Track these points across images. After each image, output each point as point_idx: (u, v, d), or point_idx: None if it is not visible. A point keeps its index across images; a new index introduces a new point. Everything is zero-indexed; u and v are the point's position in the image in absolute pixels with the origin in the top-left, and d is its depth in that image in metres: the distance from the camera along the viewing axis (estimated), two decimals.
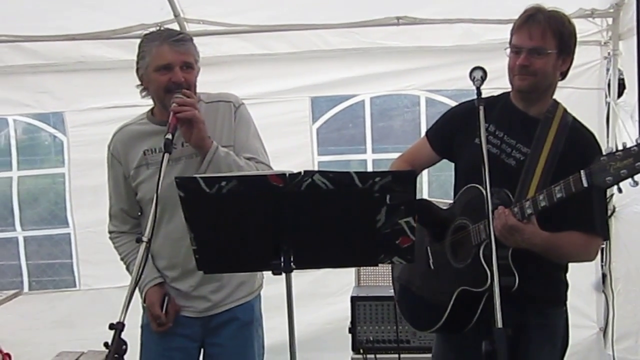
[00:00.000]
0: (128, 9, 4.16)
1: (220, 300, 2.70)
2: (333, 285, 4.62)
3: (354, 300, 3.73)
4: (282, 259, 2.07)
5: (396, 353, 3.61)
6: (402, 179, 2.02)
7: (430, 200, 2.80)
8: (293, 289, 2.12)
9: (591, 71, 4.46)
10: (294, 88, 4.75)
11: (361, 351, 3.68)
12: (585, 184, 2.06)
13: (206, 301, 2.69)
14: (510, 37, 2.43)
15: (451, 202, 2.61)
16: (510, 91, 2.52)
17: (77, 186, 4.83)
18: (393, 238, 2.07)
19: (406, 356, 3.63)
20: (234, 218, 2.06)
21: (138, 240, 2.19)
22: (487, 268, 2.20)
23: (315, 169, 2.16)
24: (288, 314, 2.13)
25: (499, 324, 1.93)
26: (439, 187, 5.00)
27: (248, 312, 2.76)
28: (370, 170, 4.66)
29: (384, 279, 3.98)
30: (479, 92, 2.32)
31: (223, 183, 1.98)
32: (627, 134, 4.10)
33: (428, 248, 2.62)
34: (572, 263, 2.52)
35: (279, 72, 4.72)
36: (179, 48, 2.55)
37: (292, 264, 2.07)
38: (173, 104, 2.45)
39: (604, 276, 4.47)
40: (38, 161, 5.45)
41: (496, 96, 2.57)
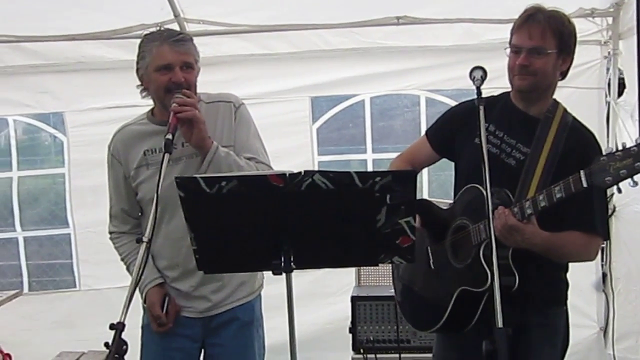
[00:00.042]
0: (128, 9, 4.16)
1: (220, 300, 2.69)
2: (333, 285, 4.61)
3: (355, 300, 3.73)
4: (283, 259, 2.07)
5: (396, 353, 3.61)
6: (403, 179, 2.02)
7: (430, 200, 2.80)
8: (293, 289, 2.12)
9: (591, 71, 4.45)
10: (294, 88, 4.74)
11: (361, 351, 3.68)
12: (584, 184, 2.06)
13: (207, 301, 2.69)
14: (510, 37, 2.43)
15: (451, 202, 2.61)
16: (510, 91, 2.52)
17: (77, 186, 4.82)
18: (393, 238, 2.07)
19: (406, 356, 3.62)
20: (234, 218, 2.06)
21: (138, 240, 2.18)
22: (487, 268, 2.20)
23: (315, 169, 2.15)
24: (288, 314, 2.13)
25: (499, 324, 1.93)
26: (439, 187, 5.00)
27: (248, 312, 2.76)
28: (370, 170, 4.66)
29: (384, 279, 3.98)
30: (479, 92, 2.32)
31: (223, 183, 1.98)
32: (627, 134, 4.10)
33: (428, 248, 2.62)
34: (573, 263, 2.52)
35: (279, 72, 4.72)
36: (179, 48, 2.55)
37: (293, 264, 2.07)
38: (173, 104, 2.45)
39: (604, 276, 4.47)
40: (38, 161, 5.46)
41: (496, 96, 2.57)
